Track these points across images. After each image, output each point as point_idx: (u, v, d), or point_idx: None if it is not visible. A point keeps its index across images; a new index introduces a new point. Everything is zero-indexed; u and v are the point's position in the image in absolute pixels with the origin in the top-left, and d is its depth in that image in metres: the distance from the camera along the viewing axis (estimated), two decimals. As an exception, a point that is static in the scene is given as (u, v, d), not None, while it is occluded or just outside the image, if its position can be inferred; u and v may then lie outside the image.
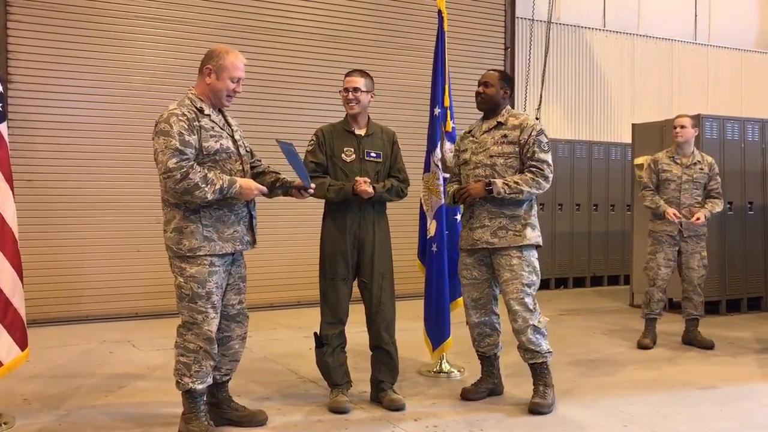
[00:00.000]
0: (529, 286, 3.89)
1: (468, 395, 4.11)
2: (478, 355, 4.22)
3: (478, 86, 4.09)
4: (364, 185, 3.80)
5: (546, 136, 3.98)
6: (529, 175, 3.88)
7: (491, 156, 3.95)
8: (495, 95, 4.03)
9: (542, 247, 4.03)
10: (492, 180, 3.87)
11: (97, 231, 6.68)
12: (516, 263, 3.89)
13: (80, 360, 5.11)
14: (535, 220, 3.99)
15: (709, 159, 5.70)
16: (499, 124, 4.01)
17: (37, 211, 6.44)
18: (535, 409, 3.86)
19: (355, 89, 3.93)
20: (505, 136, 3.96)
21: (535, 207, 4.05)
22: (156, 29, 6.94)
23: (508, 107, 4.10)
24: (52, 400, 4.08)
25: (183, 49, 6.91)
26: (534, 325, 3.88)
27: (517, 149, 3.94)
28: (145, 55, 6.89)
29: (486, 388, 4.16)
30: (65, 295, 6.55)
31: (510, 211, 3.92)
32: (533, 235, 3.94)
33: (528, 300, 3.88)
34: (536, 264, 3.96)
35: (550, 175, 3.93)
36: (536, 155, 3.90)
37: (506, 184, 3.84)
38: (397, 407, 3.88)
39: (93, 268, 6.66)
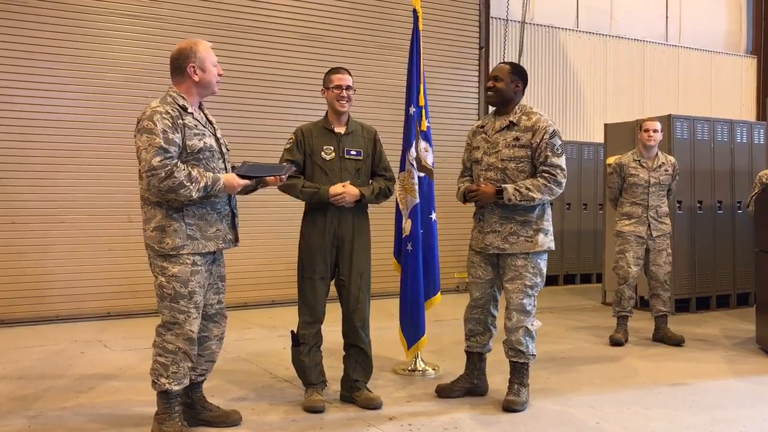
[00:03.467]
0: (531, 287, 3.88)
1: (442, 393, 4.12)
2: (465, 350, 4.20)
3: (488, 80, 4.02)
4: (339, 199, 3.79)
5: (560, 138, 3.90)
6: (541, 180, 3.81)
7: (502, 160, 3.88)
8: (506, 89, 3.94)
9: (554, 250, 3.98)
10: (503, 186, 3.80)
11: (67, 229, 6.58)
12: (521, 264, 3.86)
13: (51, 361, 5.03)
14: (548, 224, 3.93)
15: (672, 159, 5.82)
16: (512, 124, 3.91)
17: (7, 209, 6.33)
18: (509, 406, 3.88)
19: (348, 87, 3.94)
20: (517, 139, 3.87)
21: (549, 211, 3.98)
22: (130, 26, 6.84)
23: (522, 104, 4.01)
24: (22, 401, 4.02)
25: (157, 47, 6.82)
26: (527, 327, 3.89)
27: (529, 153, 3.86)
28: (118, 53, 6.79)
29: (462, 387, 4.14)
30: (35, 295, 6.44)
31: (521, 217, 3.86)
32: (545, 241, 3.89)
33: (527, 301, 3.86)
34: (542, 266, 3.92)
35: (563, 180, 3.86)
36: (549, 159, 3.83)
37: (517, 191, 3.77)
38: (375, 406, 3.89)
39: (64, 267, 6.56)
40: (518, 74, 4.01)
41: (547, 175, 3.82)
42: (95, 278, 6.66)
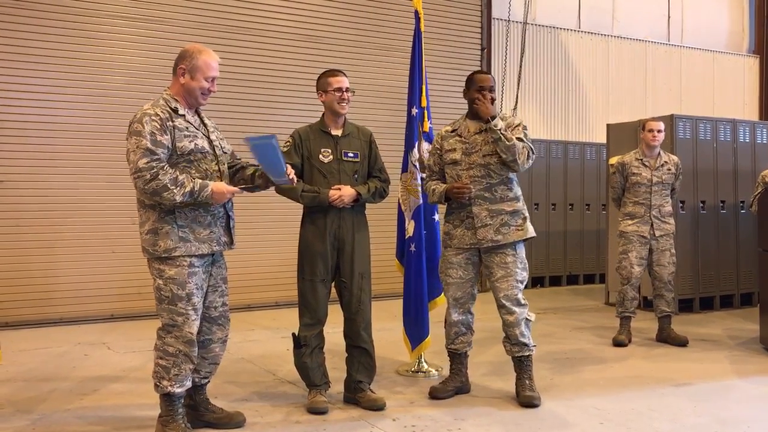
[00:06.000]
0: (521, 282, 4.04)
1: (436, 394, 4.14)
2: (449, 352, 4.27)
3: (481, 90, 4.03)
4: (338, 201, 3.82)
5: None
6: (521, 145, 3.96)
7: (485, 155, 4.01)
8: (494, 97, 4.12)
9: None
10: (495, 120, 3.91)
11: (71, 232, 6.60)
12: (510, 261, 4.00)
13: (54, 363, 5.04)
14: (527, 212, 4.12)
15: (675, 158, 5.83)
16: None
17: (10, 212, 6.35)
18: (530, 402, 3.95)
19: (347, 89, 3.94)
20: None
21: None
22: (133, 28, 6.87)
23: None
24: (26, 403, 4.03)
25: (158, 48, 6.85)
26: (526, 319, 4.03)
27: None
28: (120, 55, 6.82)
29: (454, 387, 4.19)
30: (39, 297, 6.46)
31: (509, 207, 4.02)
32: (531, 228, 4.09)
33: (520, 295, 4.02)
34: (526, 260, 4.10)
35: (534, 157, 4.04)
36: (524, 140, 3.97)
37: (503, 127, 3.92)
38: (378, 407, 3.88)
39: (67, 269, 6.58)
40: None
41: (525, 143, 3.98)
42: (99, 280, 6.68)
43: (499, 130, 3.91)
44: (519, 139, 3.97)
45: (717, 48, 11.49)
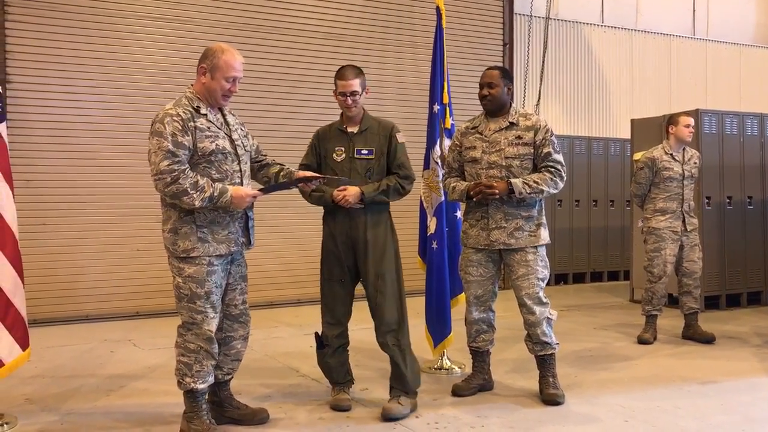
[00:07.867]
0: (542, 280, 4.00)
1: (459, 391, 4.13)
2: (471, 350, 4.25)
3: (482, 88, 4.06)
4: (343, 201, 3.75)
5: (555, 137, 4.05)
6: (548, 174, 3.93)
7: (506, 157, 3.97)
8: (501, 94, 4.02)
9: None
10: (512, 181, 3.87)
11: (97, 230, 6.68)
12: (531, 259, 3.97)
13: (81, 360, 5.11)
14: (545, 219, 4.07)
15: (696, 152, 5.81)
16: (512, 125, 4.01)
17: (37, 210, 6.43)
18: (553, 399, 3.93)
19: (353, 93, 3.82)
20: (520, 137, 3.98)
21: (544, 206, 4.12)
22: (157, 29, 6.92)
23: (515, 106, 4.13)
24: (54, 400, 4.09)
25: (184, 48, 6.89)
26: (547, 317, 4.00)
27: (531, 150, 3.98)
28: (145, 55, 6.87)
29: (477, 384, 4.18)
30: (65, 295, 6.55)
31: (526, 212, 3.97)
32: (545, 235, 4.03)
33: (541, 294, 3.99)
34: (547, 258, 4.07)
35: (565, 176, 4.00)
36: (552, 155, 3.96)
37: (526, 184, 3.87)
38: (387, 416, 3.69)
39: (93, 267, 6.66)
40: (508, 77, 4.12)
41: (552, 169, 3.96)
42: (124, 278, 6.75)
43: (525, 192, 3.85)
44: (547, 155, 3.94)
45: (744, 41, 11.31)
